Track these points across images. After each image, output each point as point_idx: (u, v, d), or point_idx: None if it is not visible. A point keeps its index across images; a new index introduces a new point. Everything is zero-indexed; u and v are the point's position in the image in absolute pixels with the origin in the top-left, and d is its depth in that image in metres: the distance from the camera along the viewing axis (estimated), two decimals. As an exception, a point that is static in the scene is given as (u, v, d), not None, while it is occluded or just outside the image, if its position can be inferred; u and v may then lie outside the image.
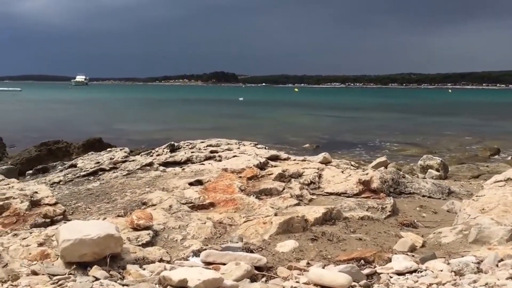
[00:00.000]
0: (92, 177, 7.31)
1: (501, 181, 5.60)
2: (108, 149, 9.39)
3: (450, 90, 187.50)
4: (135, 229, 4.52)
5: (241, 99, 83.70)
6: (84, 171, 7.57)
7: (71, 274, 3.28)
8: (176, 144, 9.29)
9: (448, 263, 3.38)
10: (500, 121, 39.70)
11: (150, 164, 7.81)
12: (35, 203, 5.01)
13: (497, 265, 3.20)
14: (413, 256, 3.95)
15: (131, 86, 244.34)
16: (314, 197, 6.53)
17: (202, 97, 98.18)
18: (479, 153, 20.08)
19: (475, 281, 2.86)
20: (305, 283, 3.23)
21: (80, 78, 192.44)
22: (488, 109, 57.96)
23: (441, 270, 3.20)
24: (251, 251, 4.18)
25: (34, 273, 3.27)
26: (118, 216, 5.20)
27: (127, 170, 7.52)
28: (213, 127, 31.97)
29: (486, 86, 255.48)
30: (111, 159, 8.14)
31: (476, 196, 5.47)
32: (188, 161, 8.22)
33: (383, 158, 11.75)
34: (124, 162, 8.01)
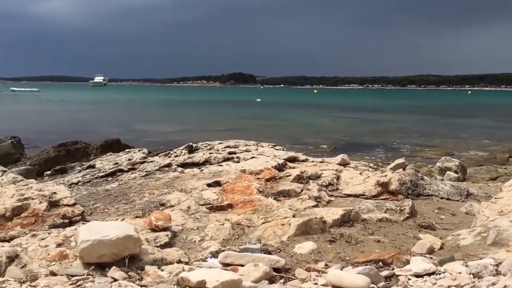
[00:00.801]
0: (110, 178, 7.40)
1: (521, 183, 5.52)
2: (126, 150, 9.51)
3: (469, 92, 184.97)
4: (154, 230, 4.56)
5: (258, 100, 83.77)
6: (103, 171, 7.66)
7: (89, 274, 3.32)
8: (194, 145, 9.36)
9: (467, 266, 3.35)
10: (519, 122, 39.07)
11: (168, 165, 7.88)
12: (53, 204, 5.08)
13: (517, 268, 3.16)
14: (431, 258, 3.92)
15: (149, 87, 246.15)
16: (332, 198, 6.52)
17: (220, 98, 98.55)
18: (497, 155, 19.79)
19: (493, 284, 2.84)
20: (323, 285, 3.23)
21: (98, 79, 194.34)
22: (506, 111, 57.06)
23: (460, 273, 3.18)
24: (269, 253, 4.19)
25: (53, 273, 3.32)
26: (137, 217, 5.26)
27: (146, 171, 7.60)
28: (231, 128, 32.07)
29: (505, 88, 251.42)
30: (129, 160, 8.24)
31: (495, 198, 5.41)
32: (206, 162, 8.27)
33: (401, 160, 11.63)
34: (142, 163, 8.10)
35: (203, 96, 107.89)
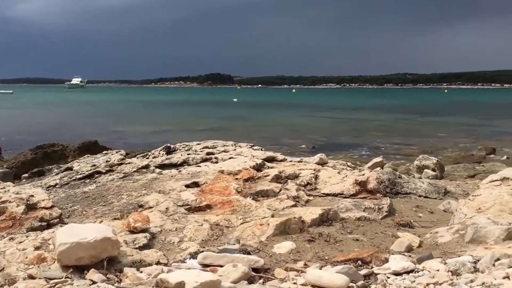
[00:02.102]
0: (88, 180, 7.30)
1: (497, 180, 5.62)
2: (104, 152, 9.37)
3: (446, 90, 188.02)
4: (132, 232, 4.52)
5: (235, 100, 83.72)
6: (80, 174, 7.55)
7: (68, 277, 3.28)
8: (172, 146, 9.29)
9: (445, 263, 3.39)
10: (495, 120, 39.85)
11: (147, 167, 7.80)
12: (31, 207, 5.00)
13: (493, 265, 3.20)
14: (410, 256, 3.95)
15: (126, 88, 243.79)
16: (311, 198, 6.53)
17: (198, 99, 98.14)
18: (475, 153, 20.13)
19: (472, 281, 2.87)
20: (302, 285, 3.22)
21: (76, 80, 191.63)
22: (483, 109, 58.18)
23: (438, 270, 3.21)
24: (248, 253, 4.17)
25: (31, 277, 3.27)
26: (115, 219, 5.20)
27: (123, 173, 7.51)
28: (210, 128, 31.99)
29: (481, 86, 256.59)
30: (107, 161, 8.14)
31: (472, 195, 5.49)
32: (185, 163, 8.22)
33: (379, 159, 11.74)
34: (120, 164, 8.00)
35: (180, 97, 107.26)
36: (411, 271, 3.31)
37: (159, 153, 9.01)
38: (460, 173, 12.92)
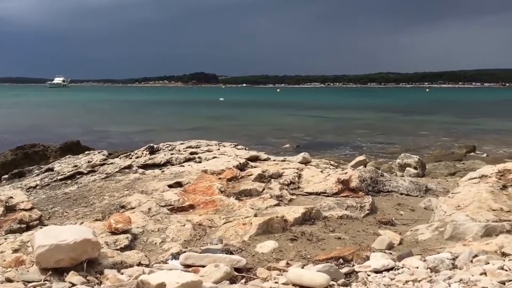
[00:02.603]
0: (69, 181, 7.21)
1: (476, 178, 5.70)
2: (86, 152, 9.30)
3: (428, 89, 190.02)
4: (113, 233, 4.49)
5: (221, 99, 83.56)
6: (61, 174, 7.47)
7: (47, 280, 3.24)
8: (155, 146, 9.25)
9: (425, 260, 3.43)
10: (475, 119, 40.46)
11: (129, 167, 7.75)
12: (10, 209, 4.94)
13: (471, 261, 3.25)
14: (391, 253, 3.99)
15: (110, 88, 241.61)
16: (294, 197, 6.55)
17: (182, 98, 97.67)
18: (455, 151, 20.40)
19: (450, 277, 2.91)
20: (284, 284, 3.24)
21: (58, 79, 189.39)
22: (464, 108, 58.94)
23: (417, 267, 3.25)
24: (231, 253, 4.18)
25: (9, 280, 3.22)
26: (96, 220, 5.15)
27: (106, 173, 7.45)
28: (194, 128, 31.89)
29: (462, 85, 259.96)
30: (89, 162, 8.07)
31: (452, 193, 5.56)
32: (168, 163, 8.19)
33: (362, 157, 11.89)
34: (102, 165, 7.94)
35: (165, 96, 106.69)
36: (391, 268, 3.35)
37: (142, 153, 8.96)
38: (441, 171, 13.08)
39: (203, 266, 3.64)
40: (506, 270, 2.90)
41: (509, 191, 5.27)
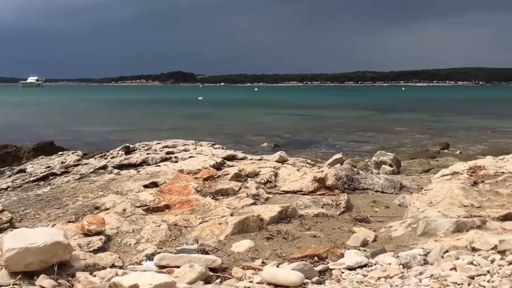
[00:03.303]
0: (42, 182, 7.08)
1: (448, 175, 5.80)
2: (60, 153, 9.13)
3: (403, 88, 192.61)
4: (86, 234, 4.42)
5: (200, 98, 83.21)
6: (34, 176, 7.33)
7: (16, 284, 3.17)
8: (131, 146, 9.15)
9: (397, 256, 3.47)
10: (449, 116, 41.23)
11: (104, 167, 7.65)
12: (-20, 211, 4.82)
13: (442, 257, 3.30)
14: (365, 250, 4.03)
15: (85, 87, 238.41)
16: (271, 196, 6.56)
17: (160, 97, 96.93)
18: (430, 148, 20.74)
19: (421, 273, 2.95)
20: (258, 283, 3.24)
21: (32, 79, 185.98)
22: (438, 106, 59.99)
23: (390, 264, 3.28)
24: (207, 253, 4.16)
25: (-23, 284, 3.15)
26: (69, 222, 5.07)
27: (80, 174, 7.34)
28: (172, 127, 31.66)
29: (437, 83, 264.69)
30: (62, 163, 7.93)
31: (425, 190, 5.65)
32: (144, 163, 8.11)
33: (339, 155, 11.96)
34: (76, 165, 7.81)
35: (142, 96, 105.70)
36: (365, 265, 3.38)
37: (118, 153, 8.85)
38: (416, 168, 13.28)
39: (178, 267, 3.62)
40: (475, 265, 2.96)
41: (479, 188, 5.38)
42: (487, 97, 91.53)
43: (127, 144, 9.22)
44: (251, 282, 3.29)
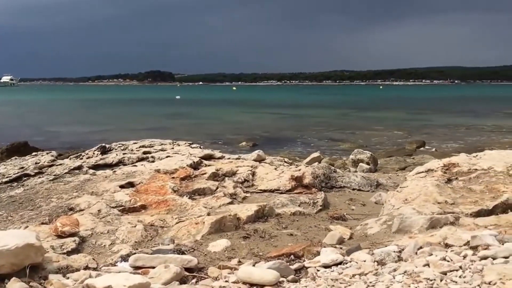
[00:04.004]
0: (15, 184, 6.96)
1: (423, 172, 5.88)
2: (34, 153, 8.97)
3: (381, 87, 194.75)
4: (60, 236, 4.35)
5: (178, 97, 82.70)
6: (7, 177, 7.19)
7: (-14, 287, 3.10)
8: (107, 145, 9.04)
9: (372, 254, 3.50)
10: (425, 115, 41.84)
11: (79, 168, 7.56)
12: (-51, 214, 4.70)
13: (416, 253, 3.34)
14: (341, 248, 4.04)
15: (61, 86, 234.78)
16: (248, 195, 6.55)
17: (137, 96, 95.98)
18: (406, 146, 21.01)
19: (395, 270, 2.97)
20: (234, 282, 3.22)
21: (6, 78, 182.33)
22: (415, 104, 60.78)
23: (365, 261, 3.30)
24: (183, 253, 4.13)
25: None
26: (42, 223, 4.99)
27: (54, 175, 7.23)
28: (150, 127, 31.38)
29: (413, 82, 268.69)
30: (36, 163, 7.80)
31: (400, 187, 5.71)
32: (120, 163, 8.04)
33: (316, 154, 11.99)
34: (50, 166, 7.70)
35: (119, 95, 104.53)
36: (340, 263, 3.39)
37: (94, 153, 8.75)
38: (392, 165, 13.43)
39: (154, 267, 3.58)
40: (448, 261, 3.00)
41: (453, 184, 5.46)
42: (462, 95, 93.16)
43: (103, 144, 9.12)
44: (226, 281, 3.28)
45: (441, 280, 2.70)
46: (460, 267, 2.88)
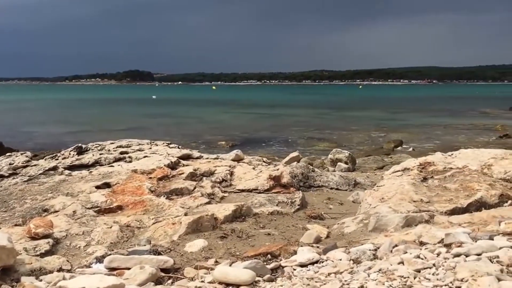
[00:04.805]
0: (-12, 185, 6.81)
1: (399, 171, 5.94)
2: (7, 154, 8.79)
3: (360, 86, 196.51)
4: (33, 238, 4.27)
5: (154, 97, 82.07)
6: (-20, 178, 7.03)
7: (-45, 291, 3.03)
8: (84, 146, 8.91)
9: (348, 252, 3.51)
10: (403, 114, 42.38)
11: (54, 168, 7.43)
12: None
13: (391, 251, 3.37)
14: (318, 247, 4.06)
15: (38, 86, 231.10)
16: (226, 194, 6.53)
17: (115, 96, 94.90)
18: (384, 146, 21.24)
19: (370, 268, 2.99)
20: (210, 282, 3.21)
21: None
22: (393, 104, 61.48)
23: (340, 259, 3.32)
24: (159, 253, 4.10)
25: None
26: (16, 225, 4.90)
27: (28, 176, 7.10)
28: (128, 128, 31.08)
29: (391, 82, 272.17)
30: (10, 164, 7.64)
31: (377, 186, 5.76)
32: (96, 163, 7.93)
33: (295, 153, 12.02)
34: (25, 167, 7.56)
35: (97, 95, 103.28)
36: (316, 261, 3.40)
37: (70, 154, 8.61)
38: (370, 165, 13.56)
39: (129, 269, 3.54)
40: (422, 259, 3.02)
41: (429, 183, 5.53)
42: (439, 95, 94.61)
43: (80, 144, 8.99)
44: (202, 282, 3.26)
45: (414, 278, 2.73)
46: (434, 264, 2.91)
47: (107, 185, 6.51)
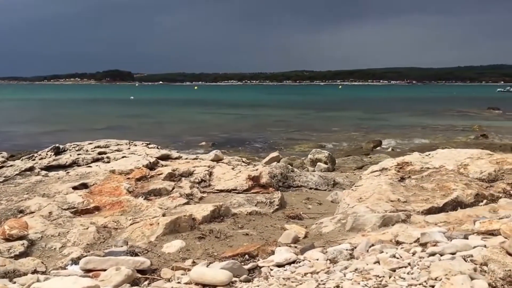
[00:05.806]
0: (-38, 186, 6.66)
1: (377, 171, 6.00)
2: (-18, 155, 8.62)
3: (340, 86, 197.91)
4: (8, 239, 4.20)
5: (132, 97, 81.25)
6: (-47, 179, 6.88)
7: None
8: (61, 146, 8.80)
9: (325, 252, 3.53)
10: (382, 114, 42.79)
11: (31, 169, 7.32)
12: None
13: (367, 251, 3.39)
14: (296, 247, 4.07)
15: (15, 86, 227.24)
16: (205, 195, 6.51)
17: (94, 96, 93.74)
18: (363, 146, 21.41)
19: (346, 267, 3.01)
20: (186, 283, 3.19)
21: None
22: (373, 104, 62.07)
23: (317, 259, 3.33)
24: (136, 254, 4.06)
25: None
26: (-11, 227, 4.78)
27: (4, 177, 6.97)
28: (107, 128, 30.75)
29: (371, 82, 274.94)
30: (-15, 165, 7.49)
31: (355, 186, 5.80)
32: (74, 164, 7.85)
33: (275, 154, 12.07)
34: (0, 167, 7.41)
35: (75, 95, 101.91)
36: (294, 261, 3.40)
37: (47, 154, 8.50)
38: (350, 165, 13.65)
39: (105, 270, 3.50)
40: (398, 258, 3.06)
41: (406, 183, 5.59)
42: (418, 96, 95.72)
43: (57, 145, 8.87)
44: (179, 283, 3.24)
45: (389, 277, 2.75)
46: (409, 263, 2.94)
47: (84, 186, 6.44)
